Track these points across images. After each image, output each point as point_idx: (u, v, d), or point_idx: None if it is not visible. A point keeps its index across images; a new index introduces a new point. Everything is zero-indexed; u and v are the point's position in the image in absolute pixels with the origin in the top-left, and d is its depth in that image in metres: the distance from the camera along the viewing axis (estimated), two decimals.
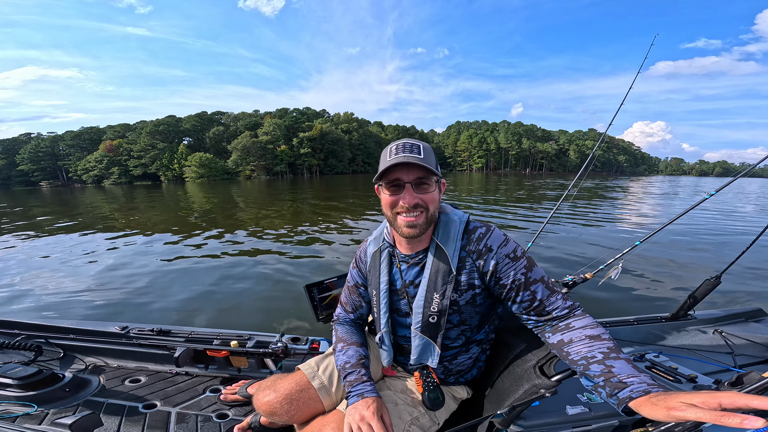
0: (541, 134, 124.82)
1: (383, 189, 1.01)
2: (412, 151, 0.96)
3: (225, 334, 1.88)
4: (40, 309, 3.90)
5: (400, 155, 0.95)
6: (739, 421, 0.49)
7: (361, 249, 1.26)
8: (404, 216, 0.98)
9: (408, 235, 0.99)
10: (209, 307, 3.83)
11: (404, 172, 0.96)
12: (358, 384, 1.02)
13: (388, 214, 1.03)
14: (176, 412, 1.55)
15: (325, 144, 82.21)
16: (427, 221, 0.99)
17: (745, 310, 2.13)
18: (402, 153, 0.95)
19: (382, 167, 0.97)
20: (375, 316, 1.17)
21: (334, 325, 1.29)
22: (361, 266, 1.23)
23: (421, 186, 0.97)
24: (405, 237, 1.02)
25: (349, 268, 1.31)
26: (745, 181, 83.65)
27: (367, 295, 1.24)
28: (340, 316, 1.30)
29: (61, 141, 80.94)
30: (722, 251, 6.47)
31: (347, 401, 1.00)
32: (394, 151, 0.97)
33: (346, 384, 1.04)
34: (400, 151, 0.96)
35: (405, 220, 0.98)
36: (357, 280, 1.26)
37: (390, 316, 1.13)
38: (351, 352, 1.12)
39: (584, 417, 1.22)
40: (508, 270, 0.97)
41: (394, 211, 1.00)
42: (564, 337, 0.90)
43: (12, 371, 1.59)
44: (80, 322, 2.06)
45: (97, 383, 1.73)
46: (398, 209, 0.98)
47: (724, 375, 1.49)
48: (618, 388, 0.74)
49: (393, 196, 0.98)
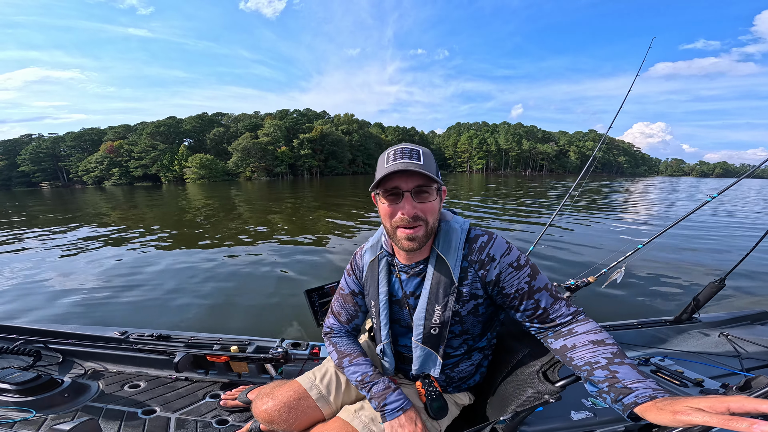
0: (541, 135, 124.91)
1: (381, 198, 0.95)
2: (411, 157, 0.90)
3: (225, 339, 1.87)
4: (38, 313, 3.88)
5: (399, 162, 0.89)
6: (748, 425, 0.48)
7: (356, 256, 1.21)
8: (404, 229, 0.93)
9: (408, 248, 0.95)
10: (209, 312, 3.81)
11: (403, 179, 0.90)
12: (390, 395, 1.01)
13: (386, 226, 0.97)
14: (176, 418, 1.54)
15: (326, 145, 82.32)
16: (426, 234, 0.95)
17: (750, 312, 2.12)
18: (400, 159, 0.90)
19: (379, 174, 0.91)
20: (375, 327, 1.13)
21: (329, 338, 1.23)
22: (357, 274, 1.18)
23: (421, 195, 0.92)
24: (404, 250, 0.97)
25: (343, 275, 1.25)
26: (745, 182, 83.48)
27: (364, 304, 1.20)
28: (334, 328, 1.24)
29: (62, 142, 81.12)
30: (725, 254, 6.45)
31: (385, 418, 0.99)
32: (392, 156, 0.92)
33: (374, 397, 1.02)
34: (398, 157, 0.90)
35: (405, 233, 0.93)
36: (353, 288, 1.20)
37: (391, 328, 1.10)
38: (362, 363, 1.09)
39: (589, 422, 1.20)
40: (511, 279, 0.94)
41: (393, 222, 0.94)
42: (567, 342, 0.89)
43: (10, 376, 1.58)
44: (79, 327, 2.05)
45: (96, 388, 1.72)
46: (397, 221, 0.93)
47: (731, 379, 1.48)
48: (623, 394, 0.73)
49: (391, 206, 0.93)
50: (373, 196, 1.00)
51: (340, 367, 1.14)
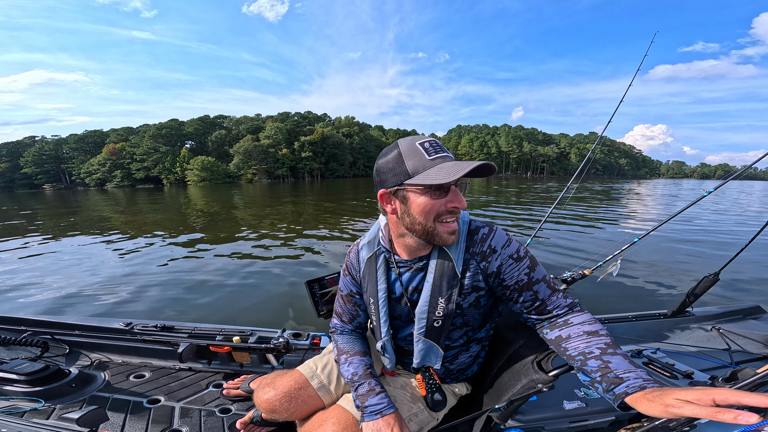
0: (541, 138, 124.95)
1: (417, 193, 0.88)
2: (444, 150, 0.90)
3: (227, 330, 1.90)
4: (46, 306, 3.94)
5: (446, 153, 0.89)
6: (733, 417, 0.50)
7: (350, 255, 1.18)
8: (449, 223, 0.91)
9: (451, 242, 0.93)
10: (212, 304, 3.86)
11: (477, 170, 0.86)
12: (372, 397, 0.98)
13: (423, 222, 0.90)
14: (180, 407, 1.56)
15: (327, 148, 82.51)
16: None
17: (743, 307, 2.13)
18: (442, 152, 0.88)
19: (437, 174, 0.84)
20: (374, 324, 1.12)
21: (333, 335, 1.25)
22: (353, 273, 1.16)
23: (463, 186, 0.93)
24: (444, 245, 0.95)
25: (340, 276, 1.24)
26: (746, 183, 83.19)
27: (363, 303, 1.19)
28: (338, 327, 1.25)
29: (64, 144, 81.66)
30: (721, 249, 6.47)
31: (363, 418, 0.96)
32: (429, 149, 0.88)
33: (358, 397, 1.00)
34: (440, 150, 0.89)
35: (450, 226, 0.91)
36: (351, 288, 1.18)
37: (390, 324, 1.10)
38: (356, 362, 1.08)
39: (581, 412, 1.23)
40: (511, 271, 0.95)
41: (439, 215, 0.89)
42: (562, 333, 0.90)
43: (19, 367, 1.61)
44: (85, 319, 2.08)
45: (102, 379, 1.75)
46: (445, 216, 0.90)
47: (720, 371, 1.50)
48: (614, 384, 0.75)
49: (437, 199, 0.88)
50: (381, 195, 0.95)
51: (338, 363, 1.15)
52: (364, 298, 1.15)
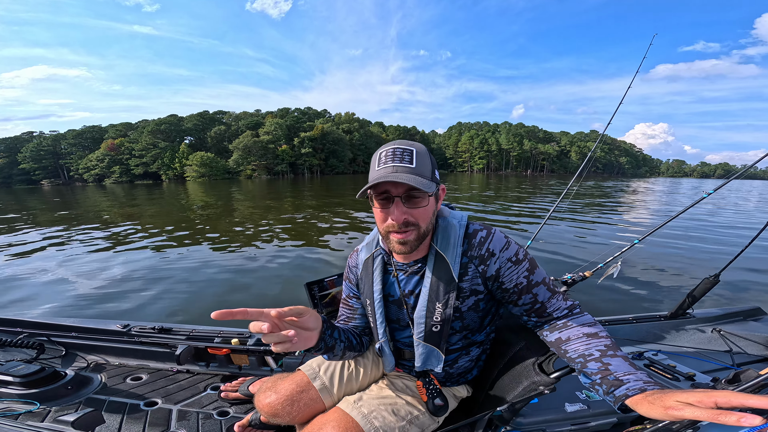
0: (542, 135, 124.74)
1: (373, 200, 0.92)
2: (402, 159, 0.86)
3: (226, 332, 1.88)
4: (42, 307, 3.92)
5: (389, 165, 0.86)
6: (736, 419, 0.49)
7: (350, 260, 1.20)
8: (395, 234, 0.91)
9: (400, 251, 0.93)
10: (210, 306, 3.84)
11: (392, 184, 0.86)
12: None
13: (380, 229, 0.95)
14: (177, 410, 1.55)
15: (326, 144, 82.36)
16: (419, 237, 0.92)
17: (743, 308, 2.13)
18: (391, 162, 0.86)
19: (370, 178, 0.88)
20: (372, 326, 1.12)
21: None
22: (351, 277, 1.18)
23: (412, 199, 0.88)
24: (398, 253, 0.96)
25: (342, 280, 1.26)
26: (746, 183, 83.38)
27: (360, 306, 1.19)
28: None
29: (63, 140, 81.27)
30: (721, 250, 6.47)
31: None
32: (383, 159, 0.88)
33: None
34: (389, 160, 0.87)
35: (396, 237, 0.91)
36: (348, 292, 1.20)
37: (387, 326, 1.10)
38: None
39: (583, 414, 1.22)
40: (510, 274, 0.94)
41: (385, 227, 0.92)
42: (562, 335, 0.90)
43: (14, 369, 1.59)
44: (82, 320, 2.06)
45: (99, 381, 1.74)
46: (388, 226, 0.91)
47: (721, 373, 1.49)
48: (614, 386, 0.74)
49: (383, 210, 0.90)
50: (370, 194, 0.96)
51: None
52: (362, 299, 1.15)
